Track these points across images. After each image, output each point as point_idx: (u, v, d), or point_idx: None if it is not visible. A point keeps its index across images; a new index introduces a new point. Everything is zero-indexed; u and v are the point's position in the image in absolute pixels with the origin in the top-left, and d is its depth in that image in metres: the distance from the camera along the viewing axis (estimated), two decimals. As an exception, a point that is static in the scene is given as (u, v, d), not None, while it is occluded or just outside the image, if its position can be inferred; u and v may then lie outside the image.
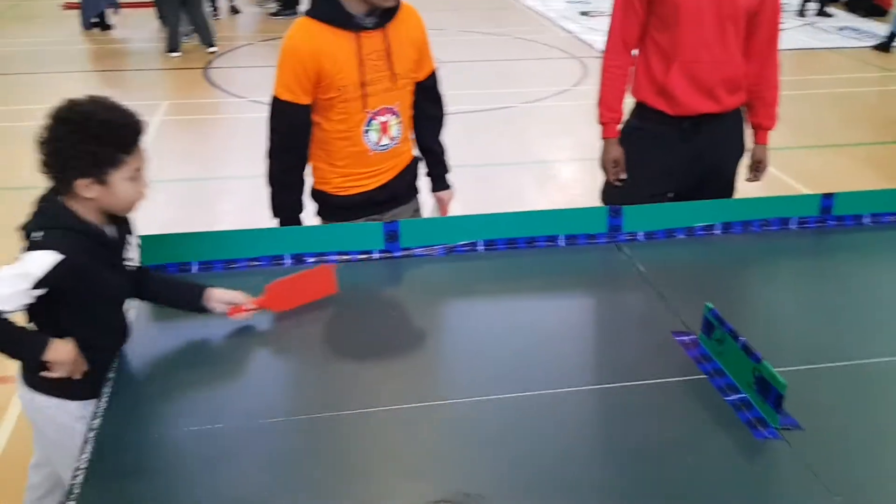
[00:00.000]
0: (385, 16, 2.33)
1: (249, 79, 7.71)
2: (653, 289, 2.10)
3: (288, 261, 2.20)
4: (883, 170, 5.38)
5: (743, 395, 1.67)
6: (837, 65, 8.21)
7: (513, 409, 1.65)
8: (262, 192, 2.43)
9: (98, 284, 1.73)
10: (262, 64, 8.37)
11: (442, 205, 2.74)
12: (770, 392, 1.58)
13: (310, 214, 2.55)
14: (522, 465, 1.49)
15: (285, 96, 2.30)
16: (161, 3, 8.59)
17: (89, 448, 1.48)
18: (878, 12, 10.30)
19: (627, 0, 2.68)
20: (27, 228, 1.68)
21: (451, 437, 1.58)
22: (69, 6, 10.53)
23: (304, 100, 2.31)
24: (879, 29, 9.49)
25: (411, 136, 2.60)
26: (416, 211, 2.71)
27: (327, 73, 2.27)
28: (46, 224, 1.67)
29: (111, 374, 1.72)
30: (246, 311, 1.91)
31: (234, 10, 10.85)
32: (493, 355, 1.86)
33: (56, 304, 1.68)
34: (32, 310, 1.68)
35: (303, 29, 2.30)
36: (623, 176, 2.82)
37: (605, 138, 2.83)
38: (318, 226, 2.27)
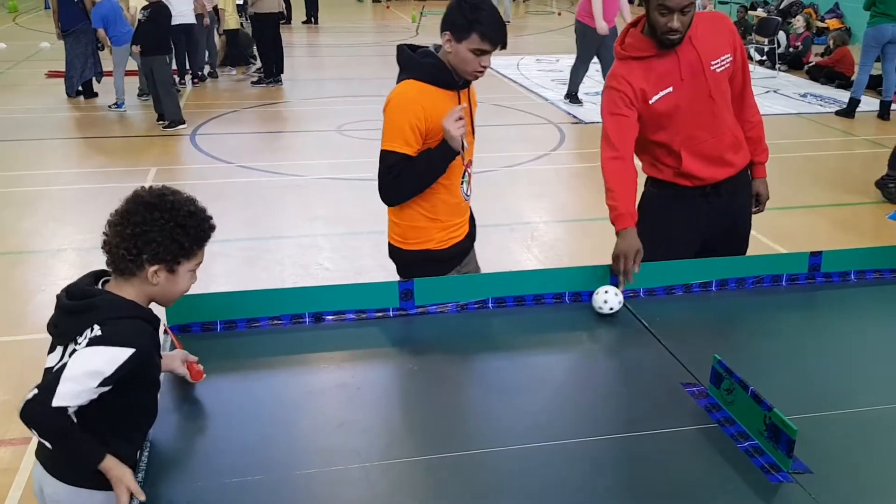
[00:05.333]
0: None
1: (236, 145, 7.83)
2: (659, 342, 2.20)
3: (308, 319, 2.27)
4: (851, 229, 5.61)
5: (754, 442, 1.76)
6: (803, 130, 8.55)
7: (532, 458, 1.72)
8: (253, 254, 2.52)
9: (153, 370, 1.72)
10: (249, 130, 8.51)
11: None
12: (781, 438, 1.68)
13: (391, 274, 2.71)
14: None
15: (394, 148, 2.46)
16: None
17: None
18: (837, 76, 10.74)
19: (614, 109, 2.64)
20: (75, 324, 1.61)
21: (472, 485, 1.65)
22: (52, 74, 10.65)
23: (410, 151, 2.46)
24: (840, 95, 9.91)
25: None
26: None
27: (436, 129, 2.44)
28: (106, 317, 1.61)
29: (147, 440, 1.76)
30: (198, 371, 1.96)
31: (213, 76, 11.03)
32: (509, 407, 1.93)
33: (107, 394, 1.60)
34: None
35: (412, 89, 2.47)
36: (637, 270, 2.48)
37: (621, 230, 2.56)
38: (338, 285, 2.35)
